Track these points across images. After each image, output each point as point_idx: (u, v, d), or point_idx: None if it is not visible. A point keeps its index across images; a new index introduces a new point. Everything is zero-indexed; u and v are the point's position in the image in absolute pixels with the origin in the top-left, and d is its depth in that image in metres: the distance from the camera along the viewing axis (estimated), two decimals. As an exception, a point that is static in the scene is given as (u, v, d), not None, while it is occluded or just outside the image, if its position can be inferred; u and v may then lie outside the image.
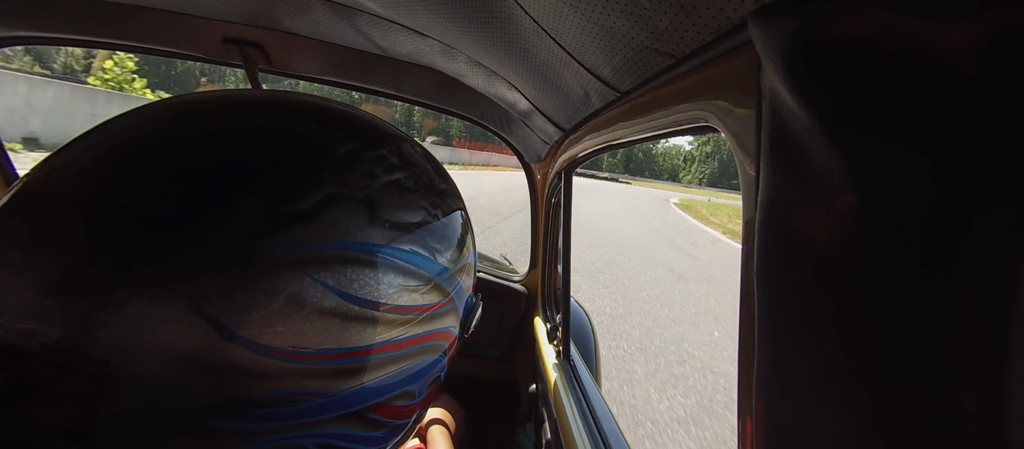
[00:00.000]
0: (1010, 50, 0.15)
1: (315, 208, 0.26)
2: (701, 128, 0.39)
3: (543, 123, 0.88)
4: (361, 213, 0.28)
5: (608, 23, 0.38)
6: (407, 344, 0.31)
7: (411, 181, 0.33)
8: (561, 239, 1.11)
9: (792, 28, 0.21)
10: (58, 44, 0.92)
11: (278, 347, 0.24)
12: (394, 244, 0.29)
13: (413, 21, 0.68)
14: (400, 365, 0.31)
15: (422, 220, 0.32)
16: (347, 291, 0.26)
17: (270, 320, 0.24)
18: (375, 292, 0.28)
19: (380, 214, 0.29)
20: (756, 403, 0.26)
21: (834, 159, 0.20)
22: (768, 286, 0.25)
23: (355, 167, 0.29)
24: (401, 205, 0.31)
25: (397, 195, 0.31)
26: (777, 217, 0.24)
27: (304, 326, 0.25)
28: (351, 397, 0.28)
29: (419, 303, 0.31)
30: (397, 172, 0.32)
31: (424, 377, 0.34)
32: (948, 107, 0.17)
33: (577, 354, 1.11)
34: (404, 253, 0.30)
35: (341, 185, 0.28)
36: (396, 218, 0.30)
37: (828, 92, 0.20)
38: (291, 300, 0.24)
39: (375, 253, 0.28)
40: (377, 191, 0.30)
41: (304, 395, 0.26)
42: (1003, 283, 0.16)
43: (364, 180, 0.29)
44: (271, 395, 0.25)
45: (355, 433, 0.29)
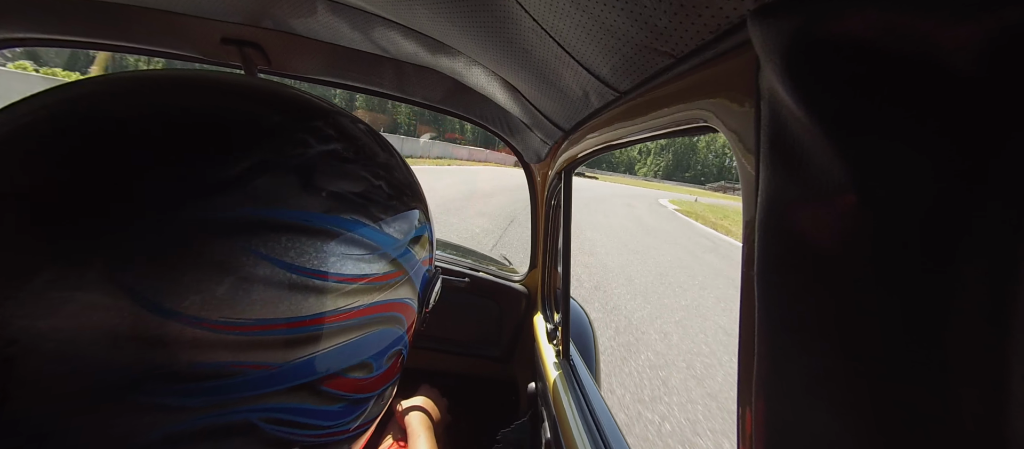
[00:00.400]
0: (1010, 50, 0.15)
1: (243, 175, 0.25)
2: (700, 128, 0.39)
3: (543, 123, 0.88)
4: (293, 180, 0.27)
5: (607, 22, 0.38)
6: (356, 314, 0.30)
7: (350, 152, 0.32)
8: (561, 239, 1.11)
9: (791, 28, 0.21)
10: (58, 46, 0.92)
11: (207, 317, 0.23)
12: (333, 212, 0.29)
13: (413, 21, 0.68)
14: (350, 335, 0.30)
15: (364, 190, 0.31)
16: (282, 259, 0.26)
17: (198, 288, 0.23)
18: (315, 260, 0.27)
19: (316, 182, 0.28)
20: (756, 402, 0.26)
21: (834, 159, 0.20)
22: (768, 286, 0.25)
23: (285, 137, 0.29)
24: (339, 174, 0.30)
25: (334, 164, 0.30)
26: (777, 217, 0.24)
27: (236, 295, 0.24)
28: (298, 369, 0.27)
29: (366, 272, 0.30)
30: (333, 143, 0.31)
31: (381, 350, 0.33)
32: (948, 107, 0.17)
33: (577, 354, 1.11)
34: (345, 221, 0.29)
35: (270, 153, 0.27)
36: (334, 187, 0.29)
37: (828, 92, 0.20)
38: (220, 268, 0.24)
39: (311, 221, 0.27)
40: (311, 160, 0.29)
41: (243, 367, 0.25)
42: (1003, 283, 0.16)
43: (296, 149, 0.28)
44: (204, 367, 0.23)
45: (308, 407, 0.28)
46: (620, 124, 0.56)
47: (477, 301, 1.43)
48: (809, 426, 0.23)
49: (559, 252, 1.18)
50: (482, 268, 1.51)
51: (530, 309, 1.43)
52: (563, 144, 0.92)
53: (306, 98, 0.34)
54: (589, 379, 1.00)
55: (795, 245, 0.23)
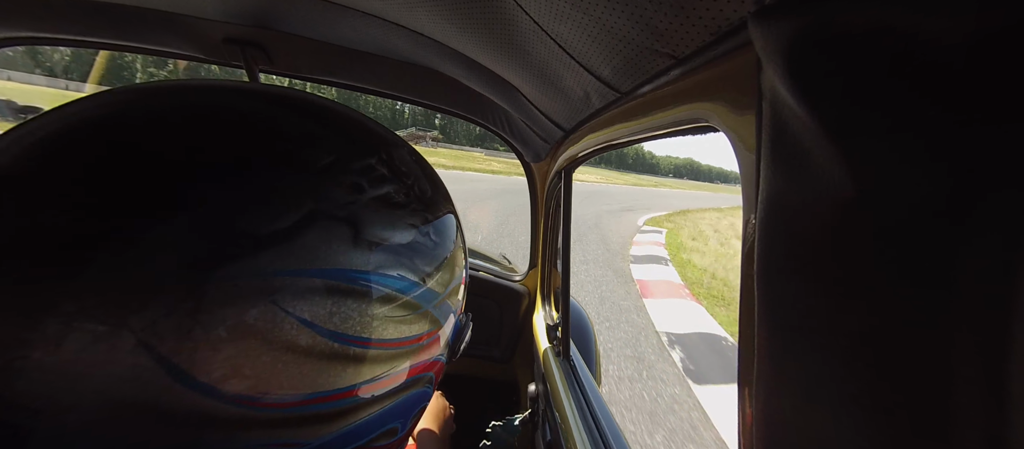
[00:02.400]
0: (1010, 49, 0.15)
1: (292, 229, 0.22)
2: (701, 128, 0.39)
3: (543, 123, 0.88)
4: (344, 234, 0.24)
5: (608, 24, 0.38)
6: (392, 380, 0.27)
7: (401, 194, 0.29)
8: (561, 239, 1.11)
9: (792, 28, 0.21)
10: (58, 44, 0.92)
11: (243, 393, 0.20)
12: (380, 270, 0.25)
13: (413, 22, 0.68)
14: (384, 404, 0.27)
15: (412, 240, 0.28)
16: (325, 326, 0.23)
17: (234, 361, 0.20)
18: (358, 326, 0.24)
19: (365, 235, 0.25)
20: (756, 402, 0.26)
21: (835, 159, 0.20)
22: (768, 286, 0.25)
23: (340, 179, 0.25)
24: (389, 223, 0.27)
25: (385, 212, 0.27)
26: (778, 217, 0.24)
27: (275, 368, 0.21)
28: (328, 444, 0.24)
29: (406, 335, 0.27)
30: (386, 185, 0.28)
31: (409, 412, 0.30)
32: (949, 107, 0.17)
33: (577, 354, 1.11)
34: (391, 279, 0.26)
35: (322, 201, 0.24)
36: (383, 238, 0.26)
37: (829, 92, 0.20)
38: (259, 338, 0.21)
39: (358, 281, 0.24)
40: (364, 207, 0.26)
41: (276, 445, 0.22)
42: (1004, 283, 0.16)
43: (349, 195, 0.25)
44: (235, 447, 0.21)
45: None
46: (620, 124, 0.56)
47: (477, 301, 1.43)
48: (809, 426, 0.23)
49: (559, 251, 1.18)
50: (482, 268, 1.51)
51: (530, 309, 1.43)
52: (563, 144, 0.92)
53: (366, 125, 0.30)
54: (589, 379, 1.00)
55: (796, 245, 0.23)
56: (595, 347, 1.49)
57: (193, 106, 0.24)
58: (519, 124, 1.04)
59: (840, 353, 0.21)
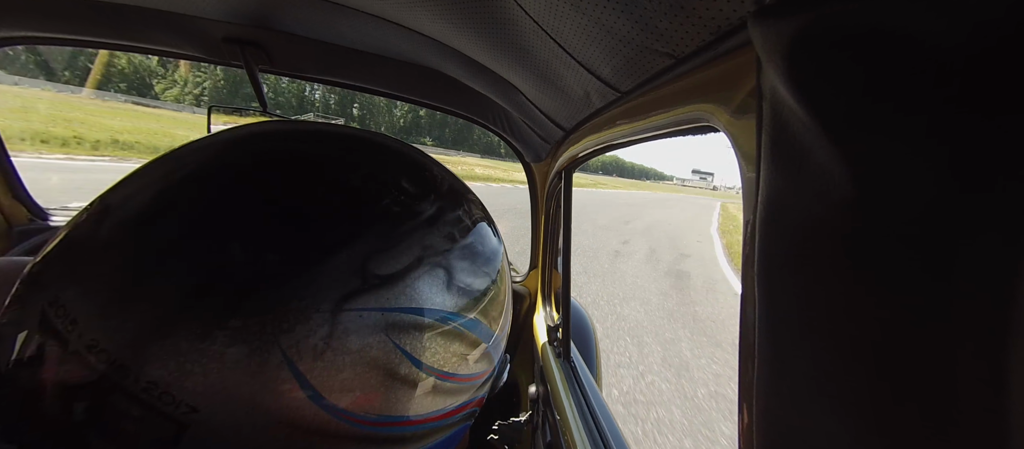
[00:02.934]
0: (1010, 48, 0.15)
1: (404, 271, 0.26)
2: (701, 128, 0.39)
3: (543, 123, 0.88)
4: (441, 278, 0.28)
5: (608, 23, 0.38)
6: (455, 412, 0.31)
7: (479, 245, 0.32)
8: (561, 239, 1.11)
9: (792, 28, 0.21)
10: (58, 44, 0.93)
11: (349, 410, 0.24)
12: (463, 312, 0.29)
13: (413, 21, 0.68)
14: (445, 432, 0.31)
15: (486, 288, 0.32)
16: (420, 358, 0.26)
17: (351, 382, 0.24)
18: (442, 360, 0.28)
19: (455, 280, 0.29)
20: (756, 403, 0.26)
21: (834, 159, 0.20)
22: (768, 286, 0.25)
23: (439, 230, 0.29)
24: (472, 272, 0.31)
25: (470, 261, 0.31)
26: (778, 217, 0.24)
27: (377, 390, 0.25)
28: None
29: (473, 372, 0.31)
30: (470, 236, 0.31)
31: (458, 440, 0.34)
32: (949, 106, 0.17)
33: (577, 354, 1.11)
34: (470, 322, 0.30)
35: (427, 249, 0.28)
36: (467, 285, 0.30)
37: (829, 92, 0.20)
38: (372, 363, 0.24)
39: (447, 321, 0.28)
40: (455, 256, 0.29)
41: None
42: (1004, 282, 0.16)
43: (445, 244, 0.29)
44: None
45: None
46: (621, 124, 0.56)
47: None
48: (810, 426, 0.23)
49: (559, 252, 1.18)
50: None
51: (530, 309, 1.42)
52: (563, 144, 0.92)
53: (450, 180, 0.34)
54: (589, 379, 1.00)
55: (796, 245, 0.23)
56: (595, 348, 1.48)
57: (335, 161, 0.28)
58: (519, 124, 1.04)
59: (840, 353, 0.21)
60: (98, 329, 0.21)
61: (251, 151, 0.28)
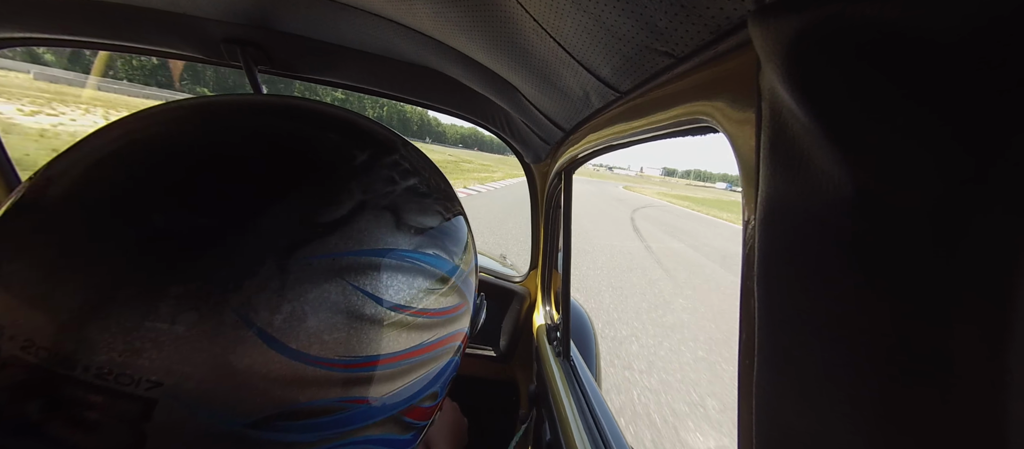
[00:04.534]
0: (1010, 49, 0.15)
1: (348, 216, 0.26)
2: (701, 128, 0.39)
3: (543, 123, 0.88)
4: (388, 219, 0.28)
5: (608, 23, 0.38)
6: (435, 346, 0.31)
7: (424, 186, 0.33)
8: (561, 239, 1.11)
9: (792, 28, 0.21)
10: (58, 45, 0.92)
11: (323, 356, 0.24)
12: (419, 248, 0.30)
13: (413, 21, 0.68)
14: (429, 367, 0.31)
15: (438, 224, 0.33)
16: (383, 297, 0.27)
17: (317, 329, 0.24)
18: (408, 297, 0.28)
19: (404, 219, 0.29)
20: (756, 402, 0.26)
21: (834, 159, 0.20)
22: (768, 286, 0.25)
23: (377, 174, 0.30)
24: (420, 210, 0.31)
25: (416, 200, 0.31)
26: (777, 217, 0.24)
27: (348, 334, 0.25)
28: (390, 401, 0.28)
29: (444, 306, 0.32)
30: (412, 177, 0.32)
31: (444, 376, 0.34)
32: (949, 106, 0.17)
33: (577, 354, 1.11)
34: (429, 257, 0.30)
35: (368, 193, 0.28)
36: (418, 223, 0.30)
37: (828, 92, 0.20)
38: (335, 308, 0.24)
39: (404, 258, 0.28)
40: (399, 197, 0.30)
41: (348, 403, 0.26)
42: (1004, 282, 0.16)
43: (387, 186, 0.30)
44: (317, 405, 0.24)
45: (391, 437, 0.30)
46: (620, 124, 0.56)
47: None
48: (809, 425, 0.23)
49: (559, 252, 1.18)
50: (482, 268, 1.51)
51: (530, 309, 1.43)
52: (563, 144, 0.92)
53: (381, 130, 0.35)
54: (589, 379, 1.00)
55: (795, 245, 0.23)
56: (595, 348, 1.48)
57: (252, 127, 0.28)
58: (519, 125, 1.04)
59: (840, 352, 0.21)
60: (29, 327, 0.20)
61: (173, 122, 0.27)
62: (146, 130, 0.26)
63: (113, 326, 0.20)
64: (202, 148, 0.25)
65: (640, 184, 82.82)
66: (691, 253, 10.16)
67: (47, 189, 0.24)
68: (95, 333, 0.20)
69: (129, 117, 0.28)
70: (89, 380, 0.20)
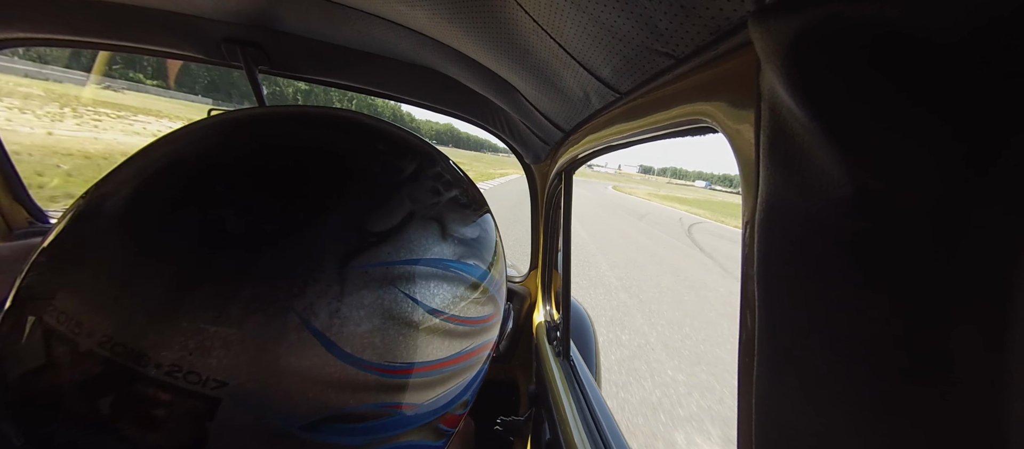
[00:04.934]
0: (1011, 49, 0.15)
1: (399, 226, 0.27)
2: (701, 128, 0.39)
3: (543, 124, 0.88)
4: (435, 229, 0.29)
5: (608, 24, 0.38)
6: (472, 354, 0.32)
7: (464, 197, 0.34)
8: (561, 239, 1.11)
9: (792, 28, 0.21)
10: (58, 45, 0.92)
11: (374, 362, 0.25)
12: (462, 258, 0.31)
13: (413, 21, 0.68)
14: (465, 375, 0.32)
15: (478, 235, 0.34)
16: (430, 305, 0.27)
17: (370, 335, 0.24)
18: (451, 305, 0.29)
19: (448, 229, 0.30)
20: (756, 402, 0.26)
21: (834, 159, 0.20)
22: (768, 286, 0.25)
23: (423, 185, 0.31)
24: (462, 220, 0.32)
25: (458, 211, 0.32)
26: (777, 217, 0.24)
27: (397, 340, 0.26)
28: (429, 408, 0.29)
29: (482, 315, 0.32)
30: (453, 189, 0.33)
31: (475, 384, 0.35)
32: (949, 106, 0.17)
33: (577, 354, 1.11)
34: (469, 266, 0.31)
35: (416, 203, 0.29)
36: (460, 233, 0.31)
37: (828, 92, 0.20)
38: (386, 315, 0.25)
39: (449, 267, 0.29)
40: (444, 208, 0.31)
41: (392, 408, 0.26)
42: (1004, 282, 0.16)
43: (433, 197, 0.30)
44: (365, 409, 0.25)
45: (425, 444, 0.30)
46: (620, 124, 0.56)
47: None
48: (809, 425, 0.23)
49: (559, 252, 1.18)
50: None
51: (530, 309, 1.42)
52: (563, 145, 0.92)
53: (421, 142, 0.36)
54: (589, 379, 1.00)
55: (795, 245, 0.23)
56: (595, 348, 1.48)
57: (304, 138, 0.29)
58: (519, 125, 1.04)
59: (840, 352, 0.21)
60: (107, 324, 0.21)
61: (227, 134, 0.29)
62: (204, 141, 0.28)
63: (185, 326, 0.21)
64: (259, 158, 0.27)
65: (627, 183, 79.41)
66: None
67: (114, 196, 0.25)
68: (168, 332, 0.21)
69: (180, 130, 0.29)
70: (160, 377, 0.21)
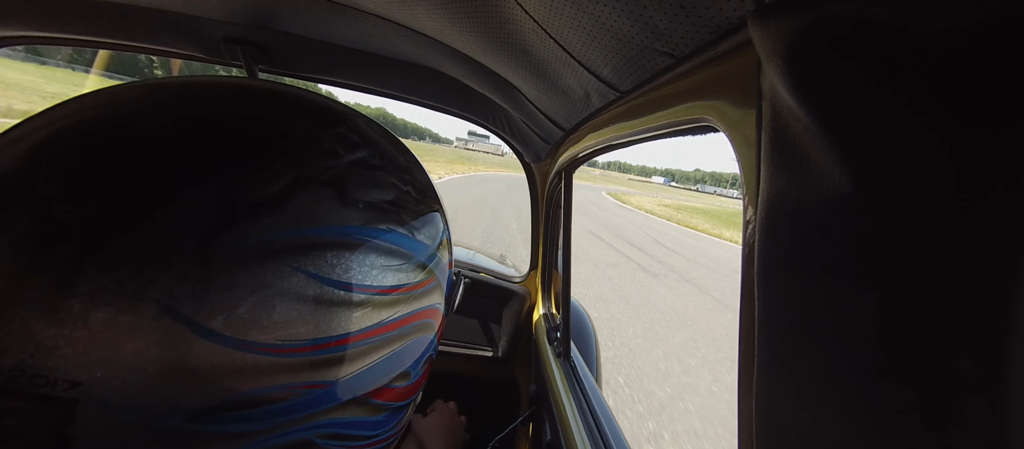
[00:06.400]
0: (1011, 49, 0.15)
1: (281, 194, 0.25)
2: (701, 128, 0.39)
3: (543, 123, 0.88)
4: (330, 194, 0.27)
5: (608, 23, 0.38)
6: (398, 324, 0.30)
7: (376, 158, 0.31)
8: (561, 239, 1.11)
9: (792, 27, 0.21)
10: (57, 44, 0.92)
11: (265, 342, 0.23)
12: (370, 224, 0.28)
13: (413, 21, 0.68)
14: (393, 346, 0.30)
15: (394, 198, 0.31)
16: (330, 276, 0.25)
17: (253, 315, 0.22)
18: (359, 275, 0.27)
19: (351, 194, 0.28)
20: (756, 402, 0.26)
21: (835, 159, 0.20)
22: (769, 286, 0.25)
23: (315, 147, 0.28)
24: (370, 183, 0.29)
25: (365, 173, 0.30)
26: (778, 217, 0.24)
27: (290, 317, 0.24)
28: (349, 384, 0.27)
29: (404, 282, 0.30)
30: (360, 150, 0.30)
31: (417, 357, 0.33)
32: (949, 106, 0.17)
33: (577, 354, 1.11)
34: (381, 232, 0.29)
35: (304, 167, 0.26)
36: (368, 197, 0.29)
37: (828, 92, 0.20)
38: (272, 292, 0.23)
39: (352, 235, 0.27)
40: (343, 171, 0.28)
41: (299, 388, 0.25)
42: (1004, 283, 0.16)
43: (328, 160, 0.28)
44: (263, 393, 0.23)
45: (359, 419, 0.29)
46: (621, 124, 0.56)
47: (477, 302, 1.43)
48: (809, 426, 0.23)
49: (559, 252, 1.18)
50: (482, 268, 1.51)
51: (530, 310, 1.42)
52: (563, 144, 0.92)
53: (325, 102, 0.33)
54: (590, 379, 1.00)
55: (796, 245, 0.23)
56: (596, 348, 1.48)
57: (176, 106, 0.27)
58: (519, 124, 1.04)
59: (840, 353, 0.21)
60: None
61: (104, 105, 0.26)
62: (59, 120, 0.24)
63: (20, 326, 0.19)
64: (111, 133, 0.24)
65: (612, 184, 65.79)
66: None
67: None
68: (3, 335, 0.19)
69: (69, 101, 0.26)
70: (2, 384, 0.19)
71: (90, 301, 0.20)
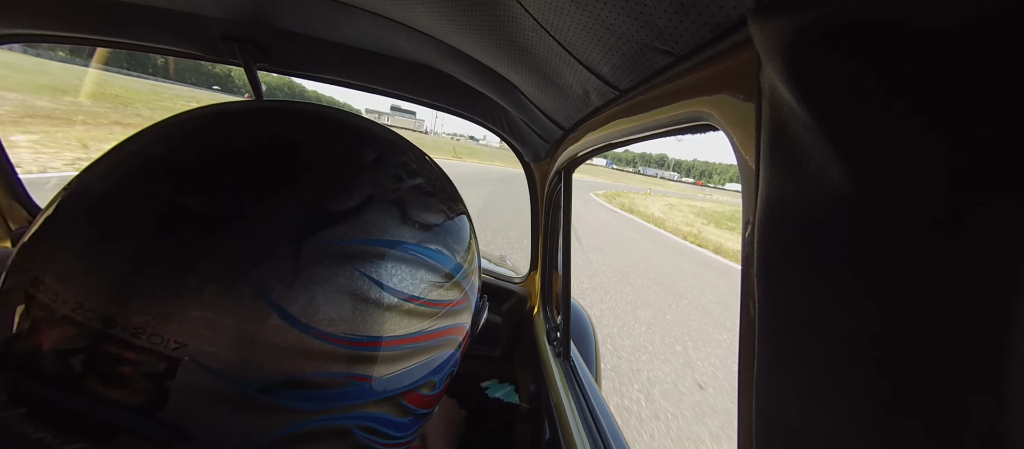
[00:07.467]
0: (1011, 49, 0.15)
1: (358, 207, 0.29)
2: (701, 126, 0.39)
3: (543, 122, 0.88)
4: (394, 212, 0.31)
5: (608, 21, 0.38)
6: (433, 336, 0.33)
7: (429, 186, 0.35)
8: (561, 239, 1.11)
9: (792, 25, 0.21)
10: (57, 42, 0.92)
11: (330, 332, 0.26)
12: (423, 242, 0.32)
13: (412, 19, 0.68)
14: (427, 355, 0.33)
15: (442, 221, 0.35)
16: (387, 283, 0.29)
17: (325, 307, 0.26)
18: (410, 285, 0.31)
19: (410, 214, 0.32)
20: (756, 403, 0.26)
21: (835, 158, 0.20)
22: (768, 286, 0.25)
23: (385, 171, 0.32)
24: (425, 207, 0.34)
25: (421, 198, 0.34)
26: (777, 216, 0.24)
27: (353, 314, 0.27)
28: (388, 382, 0.31)
29: (444, 298, 0.34)
30: (418, 177, 0.35)
31: (444, 369, 0.36)
32: (949, 105, 0.17)
33: (577, 354, 1.11)
34: (431, 251, 0.33)
35: (376, 187, 0.31)
36: (422, 219, 0.33)
37: (828, 90, 0.20)
38: (342, 289, 0.27)
39: (408, 250, 0.31)
40: (405, 194, 0.32)
41: (350, 378, 0.28)
42: (1003, 282, 0.16)
43: (394, 183, 0.32)
44: (322, 377, 0.27)
45: (389, 418, 0.32)
46: (620, 122, 0.56)
47: None
48: (809, 426, 0.22)
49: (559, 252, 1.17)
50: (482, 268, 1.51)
51: (530, 310, 1.42)
52: (563, 143, 0.91)
53: (389, 133, 0.37)
54: (589, 379, 1.00)
55: (795, 245, 0.23)
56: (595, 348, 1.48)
57: (271, 128, 0.32)
58: (519, 123, 1.04)
59: (840, 353, 0.21)
60: (79, 292, 0.24)
61: (198, 128, 0.31)
62: (175, 134, 0.30)
63: (148, 293, 0.23)
64: (221, 148, 0.29)
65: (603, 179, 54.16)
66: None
67: (93, 181, 0.27)
68: (133, 298, 0.23)
69: (157, 125, 0.32)
70: (125, 338, 0.23)
71: (205, 279, 0.24)
